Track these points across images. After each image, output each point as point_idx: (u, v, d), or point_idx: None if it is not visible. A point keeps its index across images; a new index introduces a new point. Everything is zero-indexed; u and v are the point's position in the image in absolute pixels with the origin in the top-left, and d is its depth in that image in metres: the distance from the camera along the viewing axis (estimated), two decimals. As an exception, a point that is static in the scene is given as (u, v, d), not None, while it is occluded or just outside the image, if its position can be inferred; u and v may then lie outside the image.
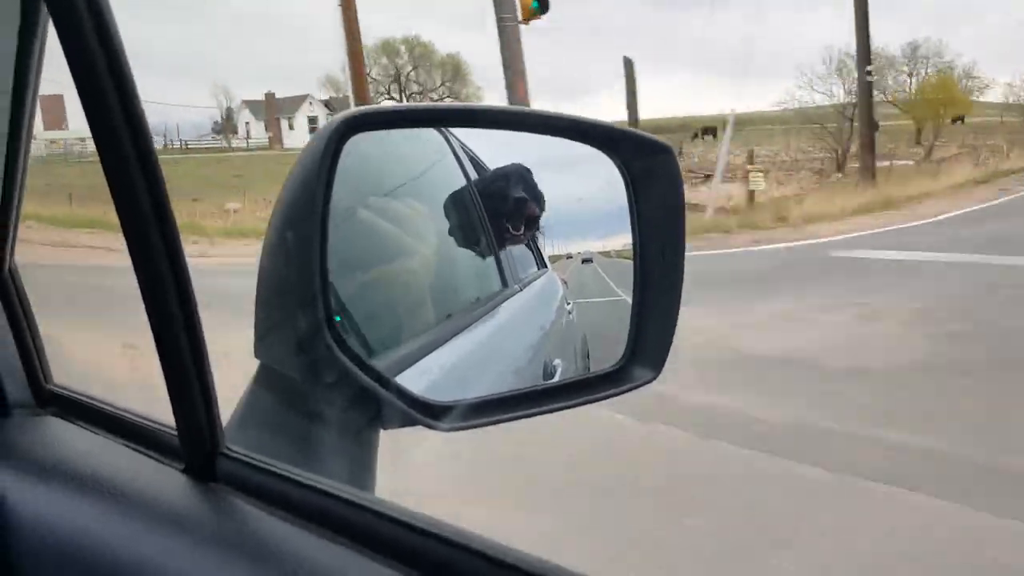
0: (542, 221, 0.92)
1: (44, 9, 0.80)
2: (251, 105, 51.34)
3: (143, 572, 0.66)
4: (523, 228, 0.90)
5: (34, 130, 0.89)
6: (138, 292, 0.66)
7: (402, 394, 0.71)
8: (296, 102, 47.43)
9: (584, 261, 0.98)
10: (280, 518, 0.65)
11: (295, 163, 0.73)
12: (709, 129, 44.32)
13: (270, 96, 49.04)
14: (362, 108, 0.72)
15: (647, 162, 0.81)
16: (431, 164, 0.93)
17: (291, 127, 46.78)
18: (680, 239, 0.81)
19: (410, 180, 0.91)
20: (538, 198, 0.87)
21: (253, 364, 0.75)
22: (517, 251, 1.04)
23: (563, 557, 0.54)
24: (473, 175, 0.92)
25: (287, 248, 0.67)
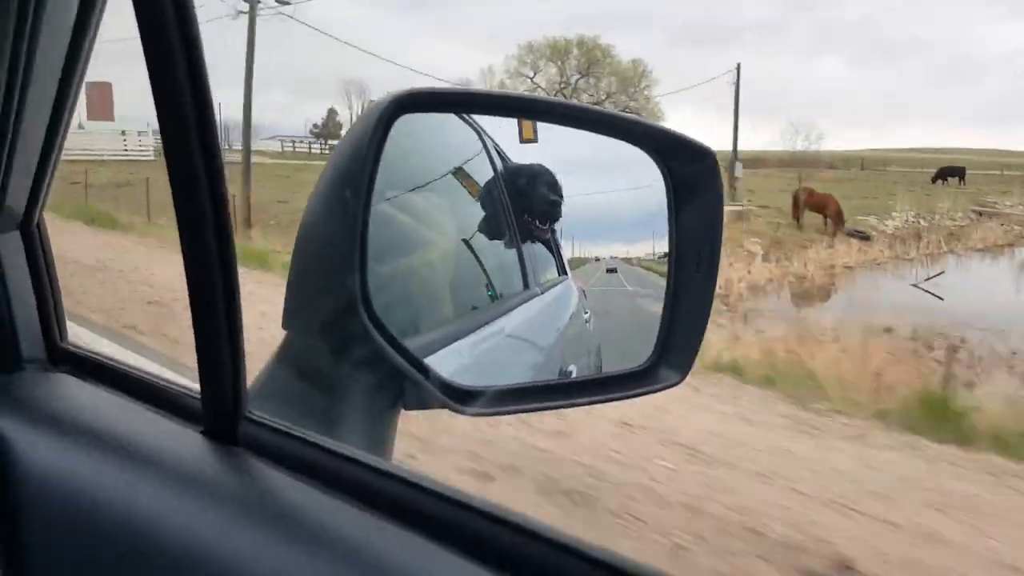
0: (565, 223, 0.93)
1: None
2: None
3: (154, 525, 0.65)
4: (548, 224, 0.91)
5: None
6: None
7: (433, 377, 0.71)
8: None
9: (609, 271, 0.97)
10: (302, 481, 0.64)
11: (343, 139, 0.74)
12: (953, 170, 38.23)
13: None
14: (414, 88, 0.73)
15: (689, 165, 0.82)
16: (462, 158, 0.94)
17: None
18: (717, 242, 0.82)
19: (439, 173, 0.92)
20: (560, 199, 0.88)
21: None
22: (539, 256, 1.04)
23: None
24: (503, 172, 0.92)
25: (340, 206, 0.68)
